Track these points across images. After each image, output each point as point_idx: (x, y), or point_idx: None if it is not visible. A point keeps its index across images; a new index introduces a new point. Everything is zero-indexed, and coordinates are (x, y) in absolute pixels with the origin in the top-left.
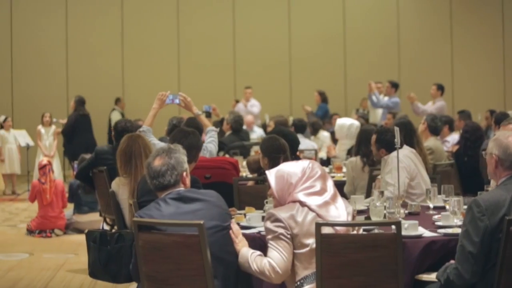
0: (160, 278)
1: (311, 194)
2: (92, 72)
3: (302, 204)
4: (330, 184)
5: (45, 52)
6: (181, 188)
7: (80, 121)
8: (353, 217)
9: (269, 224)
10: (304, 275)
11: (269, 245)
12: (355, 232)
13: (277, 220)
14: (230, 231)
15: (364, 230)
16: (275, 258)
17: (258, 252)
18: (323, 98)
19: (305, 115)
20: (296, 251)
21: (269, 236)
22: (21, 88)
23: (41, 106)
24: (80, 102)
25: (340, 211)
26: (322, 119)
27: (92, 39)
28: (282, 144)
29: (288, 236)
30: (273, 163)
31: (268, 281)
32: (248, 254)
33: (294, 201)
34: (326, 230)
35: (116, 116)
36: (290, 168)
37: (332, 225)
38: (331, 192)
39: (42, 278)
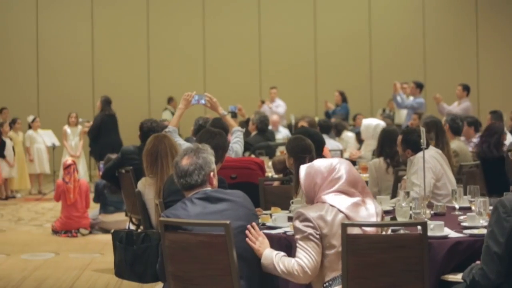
0: (186, 277)
1: (338, 195)
2: (118, 72)
3: (331, 205)
4: (360, 185)
5: (71, 52)
6: (207, 188)
7: (106, 121)
8: (382, 218)
9: (298, 224)
10: (332, 277)
11: (297, 245)
12: (384, 232)
13: (306, 219)
14: (250, 233)
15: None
16: (303, 259)
17: (282, 253)
18: (344, 98)
19: (324, 113)
20: (325, 251)
21: (298, 236)
22: (47, 88)
23: (67, 106)
24: (106, 102)
25: (370, 212)
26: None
27: (117, 39)
28: (308, 144)
29: (317, 236)
30: (299, 163)
31: (295, 282)
32: (272, 256)
33: (323, 202)
34: (354, 230)
35: (167, 116)
36: (319, 166)
37: (357, 225)
38: (361, 192)
39: (68, 277)
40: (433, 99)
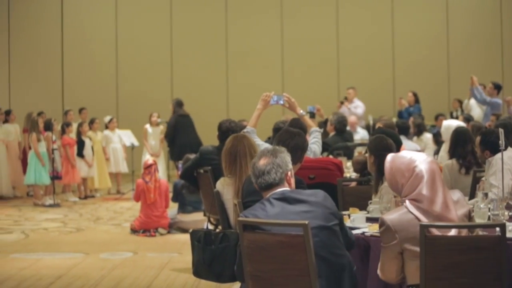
0: (265, 277)
1: (421, 205)
2: (197, 73)
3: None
4: (440, 190)
5: (149, 53)
6: (286, 188)
7: (180, 122)
8: (470, 218)
9: (381, 231)
10: (414, 283)
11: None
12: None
13: (388, 230)
14: None
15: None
16: (379, 267)
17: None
18: (417, 98)
19: (397, 112)
20: (408, 260)
21: (381, 243)
22: (126, 89)
23: (145, 107)
24: (178, 104)
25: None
26: None
27: (196, 40)
28: (389, 144)
29: (397, 246)
30: (379, 161)
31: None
32: None
33: (408, 208)
34: (433, 231)
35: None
36: (400, 164)
37: (435, 226)
38: (442, 199)
39: (146, 276)
40: (504, 101)
